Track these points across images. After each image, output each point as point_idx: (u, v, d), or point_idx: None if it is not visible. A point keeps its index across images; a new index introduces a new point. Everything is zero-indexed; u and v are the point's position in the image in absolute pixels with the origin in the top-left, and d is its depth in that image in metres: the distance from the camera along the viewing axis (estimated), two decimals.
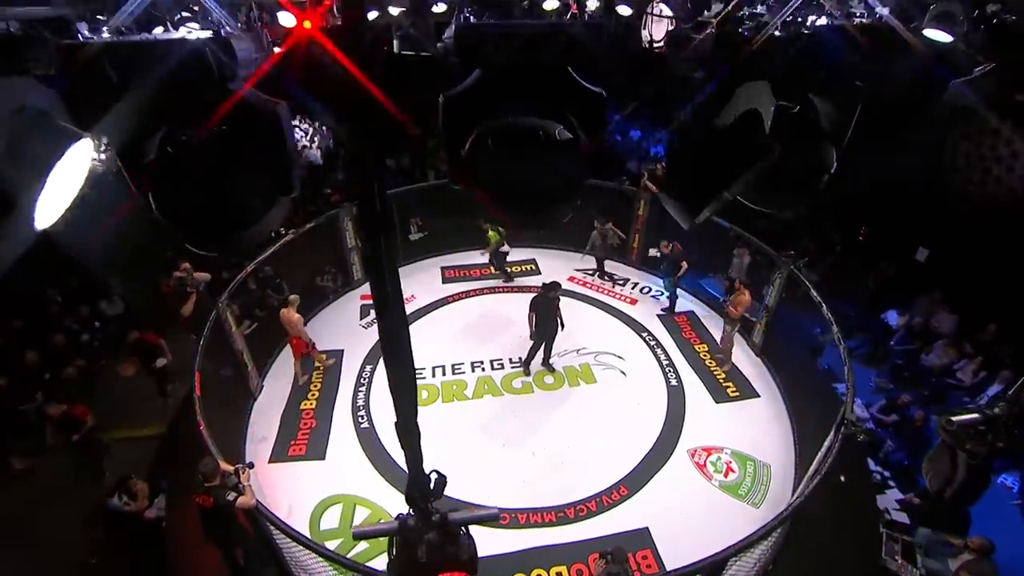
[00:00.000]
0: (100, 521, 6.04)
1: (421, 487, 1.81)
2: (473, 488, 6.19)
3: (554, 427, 7.04)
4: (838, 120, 2.15)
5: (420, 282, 9.75)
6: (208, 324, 6.39)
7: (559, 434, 6.94)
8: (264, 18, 6.22)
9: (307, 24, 1.91)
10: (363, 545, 5.71)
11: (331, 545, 5.60)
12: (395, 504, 6.12)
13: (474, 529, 6.03)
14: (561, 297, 7.63)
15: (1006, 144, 2.23)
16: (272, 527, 4.61)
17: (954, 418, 2.49)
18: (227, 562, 4.83)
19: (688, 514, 6.00)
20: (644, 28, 9.59)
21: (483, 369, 7.89)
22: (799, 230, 11.24)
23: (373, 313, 8.97)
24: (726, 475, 6.48)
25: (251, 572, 4.97)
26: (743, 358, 8.16)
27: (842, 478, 6.66)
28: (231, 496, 4.28)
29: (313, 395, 7.45)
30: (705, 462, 6.62)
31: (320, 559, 4.57)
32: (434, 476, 1.88)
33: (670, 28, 9.28)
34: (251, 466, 4.69)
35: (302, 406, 7.27)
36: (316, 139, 13.75)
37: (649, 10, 9.52)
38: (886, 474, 7.23)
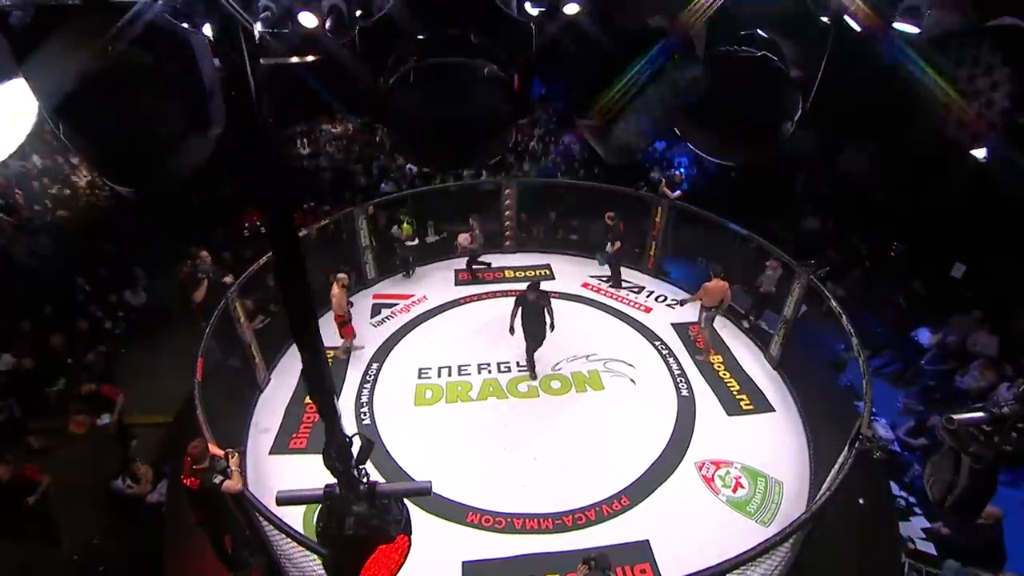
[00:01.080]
0: (105, 502, 6.15)
1: (341, 451, 1.73)
2: (471, 490, 6.09)
3: (558, 433, 6.88)
4: (804, 63, 1.99)
5: (433, 283, 9.77)
6: (216, 314, 6.49)
7: (562, 440, 6.77)
8: None
9: None
10: None
11: None
12: None
13: (470, 532, 5.90)
14: (550, 299, 7.43)
15: None
16: (259, 515, 4.59)
17: (955, 416, 2.27)
18: (215, 548, 4.83)
19: (692, 529, 5.73)
20: None
21: (489, 371, 7.79)
22: (824, 242, 10.85)
23: (384, 312, 9.03)
24: (735, 491, 6.18)
25: (239, 560, 4.96)
26: (759, 371, 7.84)
27: (861, 501, 6.29)
28: (217, 479, 4.29)
29: None
30: (713, 476, 6.33)
31: (305, 551, 4.51)
32: (358, 441, 1.79)
33: None
34: (242, 452, 4.70)
35: (307, 400, 7.29)
36: (343, 143, 14.03)
37: None
38: (911, 500, 6.79)
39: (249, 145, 1.30)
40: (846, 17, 2.75)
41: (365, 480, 1.82)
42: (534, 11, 2.11)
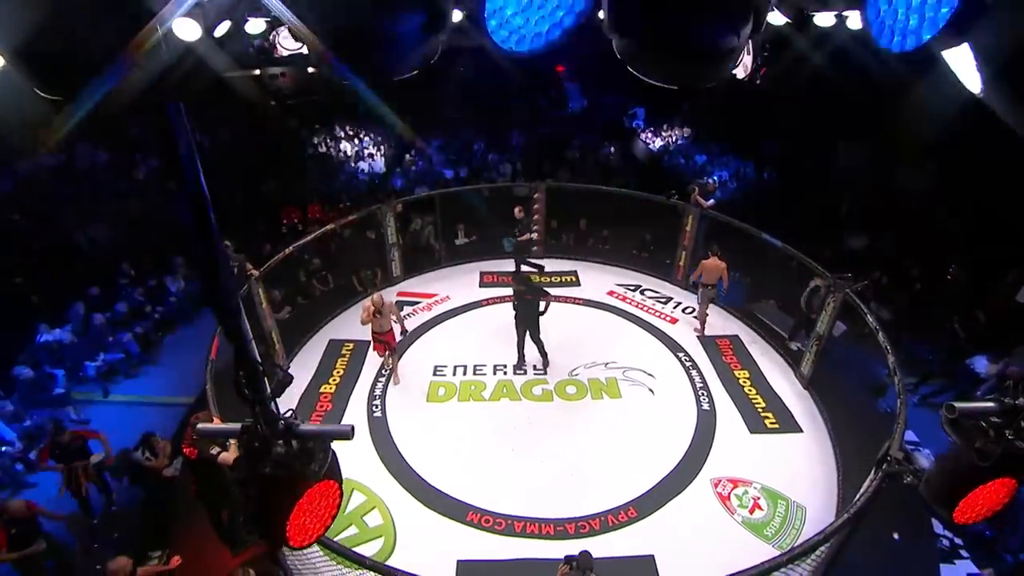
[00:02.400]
0: (124, 472, 6.39)
1: (251, 377, 1.67)
2: (474, 489, 5.98)
3: (569, 438, 6.68)
4: None
5: (458, 284, 9.77)
6: (239, 296, 6.68)
7: (573, 446, 6.56)
8: None
9: None
10: (352, 530, 5.64)
11: None
12: (392, 493, 6.01)
13: (469, 531, 5.75)
14: (541, 293, 7.28)
15: None
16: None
17: (958, 404, 1.98)
18: (211, 521, 4.90)
19: (701, 548, 5.39)
20: None
21: (505, 373, 7.68)
22: (872, 262, 10.20)
23: (406, 309, 9.09)
24: (752, 512, 5.78)
25: (235, 534, 5.01)
26: (787, 389, 7.38)
27: (896, 536, 5.77)
28: (215, 450, 4.36)
29: (334, 380, 7.58)
30: (729, 494, 5.96)
31: None
32: (278, 374, 1.74)
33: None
34: None
35: (321, 389, 7.40)
36: (382, 148, 14.44)
37: None
38: (957, 541, 6.16)
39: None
40: None
41: (284, 417, 1.77)
42: None
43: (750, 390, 7.32)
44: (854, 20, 7.55)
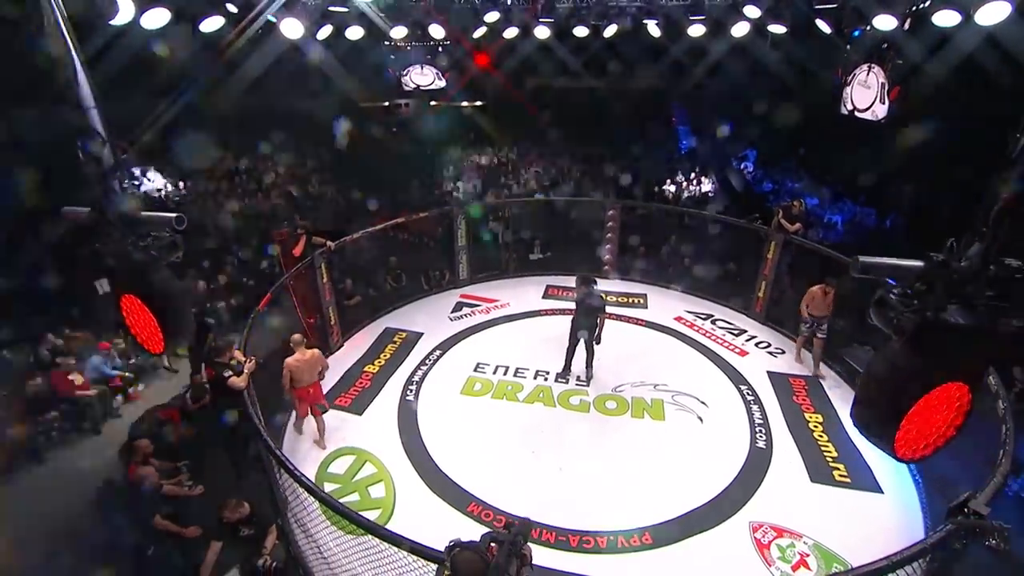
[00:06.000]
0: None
1: (94, 152, 1.68)
2: (482, 483, 5.71)
3: (595, 451, 6.15)
4: None
5: (522, 293, 9.72)
6: (300, 266, 7.22)
7: (598, 459, 6.02)
8: None
9: None
10: (355, 497, 5.62)
11: (327, 488, 5.62)
12: (401, 470, 5.93)
13: (467, 521, 5.52)
14: (604, 309, 6.92)
15: None
16: (255, 421, 4.78)
17: (865, 259, 1.45)
18: (224, 444, 5.17)
19: None
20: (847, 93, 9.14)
21: (545, 379, 7.37)
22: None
23: (464, 309, 9.23)
24: (795, 569, 4.80)
25: (243, 466, 5.23)
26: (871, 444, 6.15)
27: None
28: (227, 373, 4.65)
29: (379, 362, 7.80)
30: (771, 543, 5.02)
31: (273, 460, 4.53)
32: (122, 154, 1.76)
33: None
34: (261, 362, 5.06)
35: (365, 368, 7.64)
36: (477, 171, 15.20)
37: (854, 74, 9.03)
38: None
39: None
40: None
41: (124, 212, 1.78)
42: None
43: (820, 436, 6.23)
44: (985, 15, 6.33)
